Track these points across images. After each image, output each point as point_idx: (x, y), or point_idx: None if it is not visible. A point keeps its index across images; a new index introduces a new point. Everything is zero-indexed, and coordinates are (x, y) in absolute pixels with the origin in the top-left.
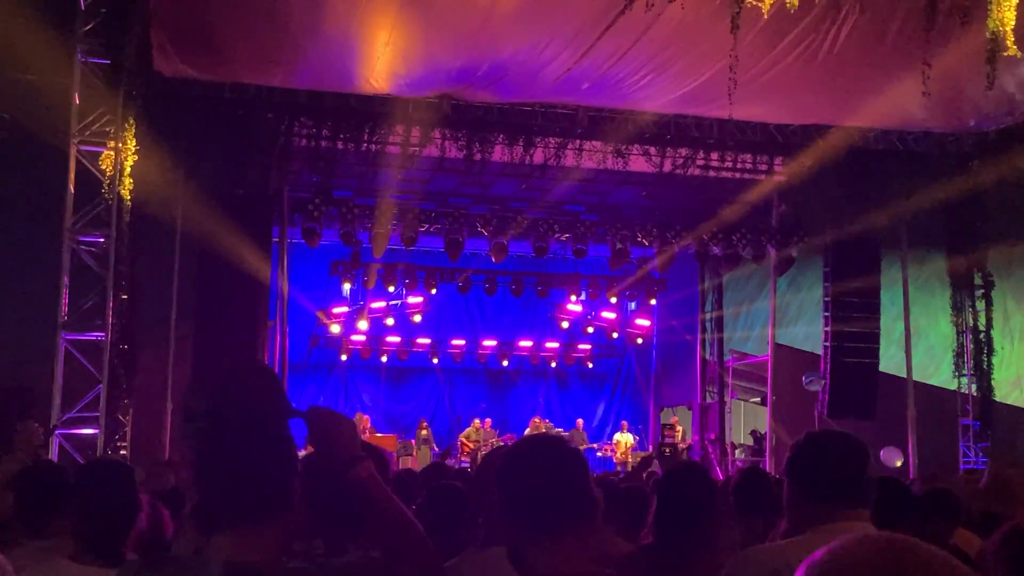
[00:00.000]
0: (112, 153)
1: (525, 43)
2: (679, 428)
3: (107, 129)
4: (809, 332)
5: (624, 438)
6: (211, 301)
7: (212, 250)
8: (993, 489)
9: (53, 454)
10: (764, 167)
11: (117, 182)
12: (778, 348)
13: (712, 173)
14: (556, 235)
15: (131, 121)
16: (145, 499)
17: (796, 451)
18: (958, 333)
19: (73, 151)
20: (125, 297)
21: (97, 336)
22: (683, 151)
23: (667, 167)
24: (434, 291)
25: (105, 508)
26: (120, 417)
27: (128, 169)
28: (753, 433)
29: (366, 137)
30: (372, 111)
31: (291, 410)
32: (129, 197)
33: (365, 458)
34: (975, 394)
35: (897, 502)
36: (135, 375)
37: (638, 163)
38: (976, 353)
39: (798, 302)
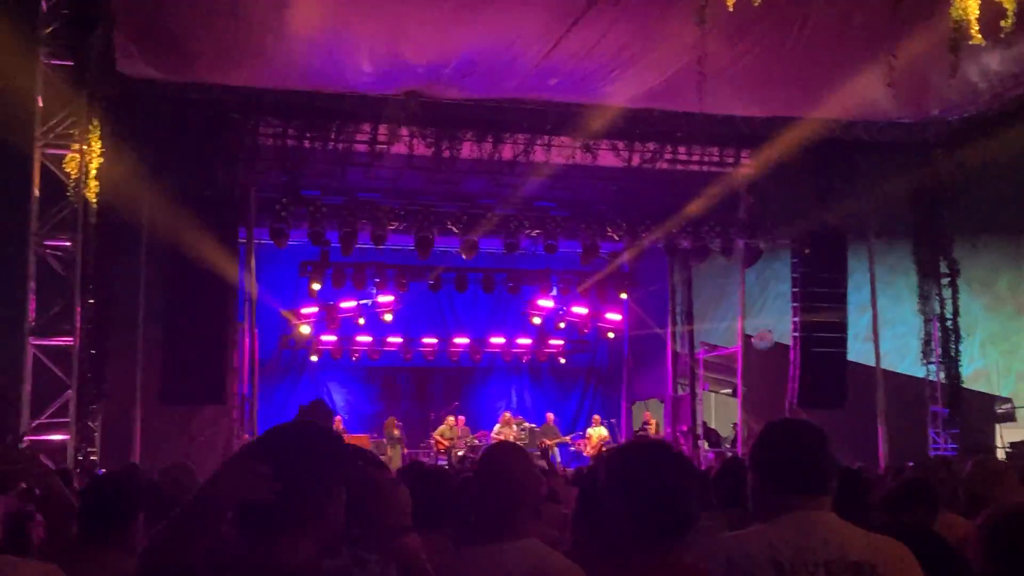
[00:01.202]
0: (77, 156)
1: (493, 38)
2: (652, 422)
3: (72, 132)
4: (778, 323)
5: (597, 432)
6: (179, 303)
7: (179, 252)
8: (978, 474)
9: None
10: (731, 160)
11: (83, 185)
12: (748, 340)
13: (680, 167)
14: (527, 231)
15: (96, 123)
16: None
17: (757, 441)
18: (925, 321)
19: (37, 154)
20: (92, 301)
21: (66, 341)
22: (651, 145)
23: (635, 161)
24: (405, 290)
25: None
26: (89, 423)
27: (94, 172)
28: (735, 426)
29: (333, 135)
30: (339, 109)
31: (348, 476)
32: (95, 200)
33: (413, 529)
34: (943, 381)
35: (856, 490)
36: (104, 380)
37: (607, 158)
38: (943, 341)
39: (767, 294)
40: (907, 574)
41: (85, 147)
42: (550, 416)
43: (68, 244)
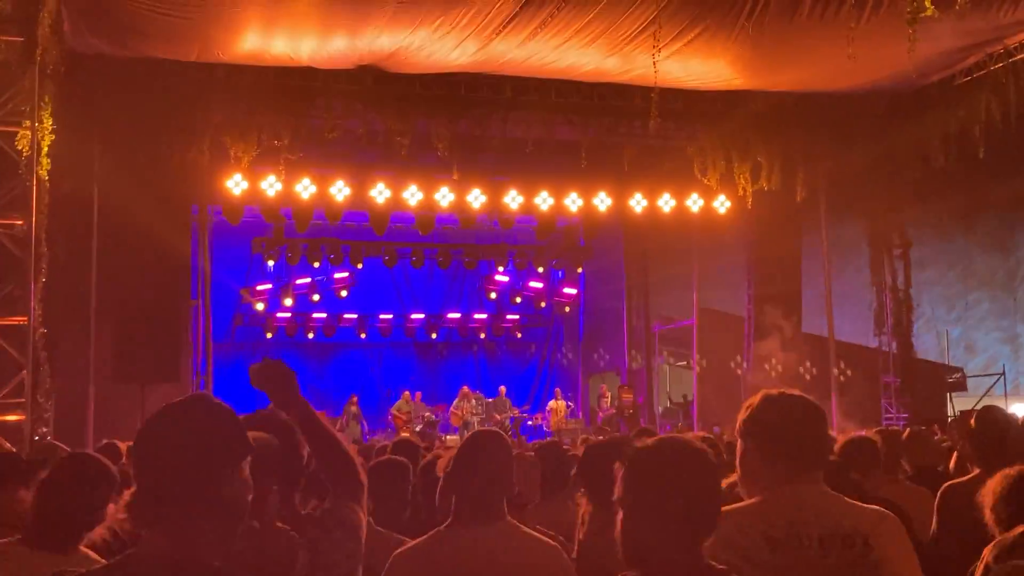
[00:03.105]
0: (28, 133)
1: (443, 17)
2: (608, 395)
3: (23, 108)
4: (732, 295)
5: (558, 405)
6: (131, 281)
7: (131, 229)
8: (915, 443)
9: None
10: (686, 132)
11: (35, 163)
12: (703, 312)
13: (636, 140)
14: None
15: (47, 99)
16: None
17: (752, 411)
18: (878, 292)
19: None
20: (45, 280)
21: (19, 321)
22: (606, 120)
23: (591, 134)
24: (360, 265)
25: (64, 502)
26: (42, 401)
27: (45, 149)
28: (684, 397)
29: (286, 110)
30: (292, 84)
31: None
32: (47, 178)
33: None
34: (895, 352)
35: (865, 461)
36: (57, 359)
37: (563, 132)
38: (896, 311)
39: (721, 266)
40: (896, 541)
41: (36, 124)
42: (502, 389)
43: (20, 223)
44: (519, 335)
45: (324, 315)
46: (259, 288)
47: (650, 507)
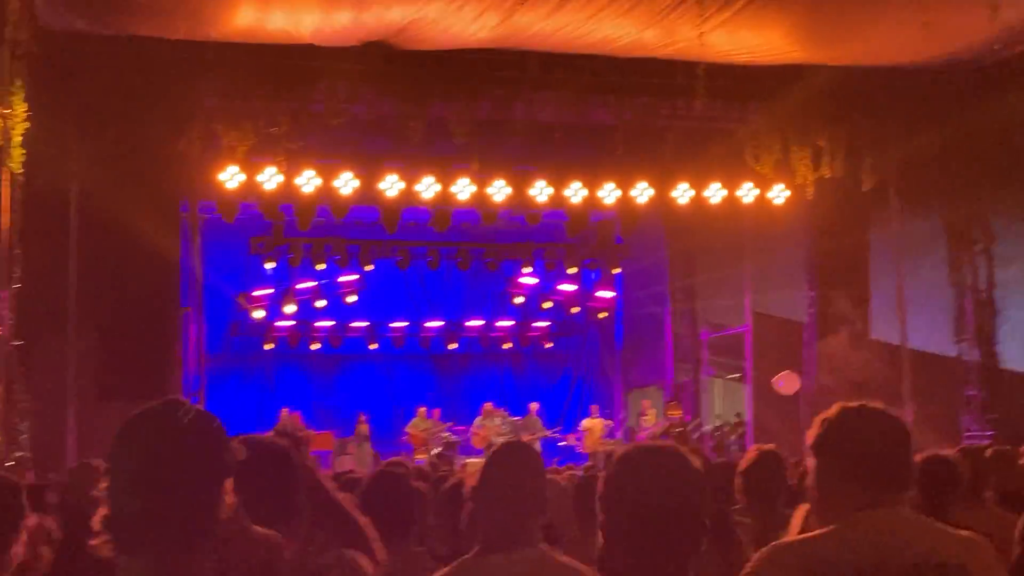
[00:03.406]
0: None
1: None
2: (651, 412)
3: None
4: (791, 298)
5: (594, 424)
6: (115, 287)
7: (115, 229)
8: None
9: None
10: (736, 114)
11: (6, 154)
12: (757, 317)
13: (679, 123)
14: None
15: (19, 83)
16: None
17: (829, 426)
18: (957, 293)
19: None
20: (18, 287)
21: None
22: (645, 100)
23: (628, 117)
24: (369, 268)
25: None
26: (17, 423)
27: (18, 139)
28: (737, 415)
29: (285, 94)
30: (291, 65)
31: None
32: (21, 171)
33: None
34: (977, 361)
35: (944, 484)
36: (33, 374)
37: (596, 114)
38: (978, 315)
39: (778, 265)
40: (995, 572)
41: (7, 111)
42: (533, 406)
43: None
44: (549, 345)
45: (330, 323)
46: (257, 294)
47: (625, 529)
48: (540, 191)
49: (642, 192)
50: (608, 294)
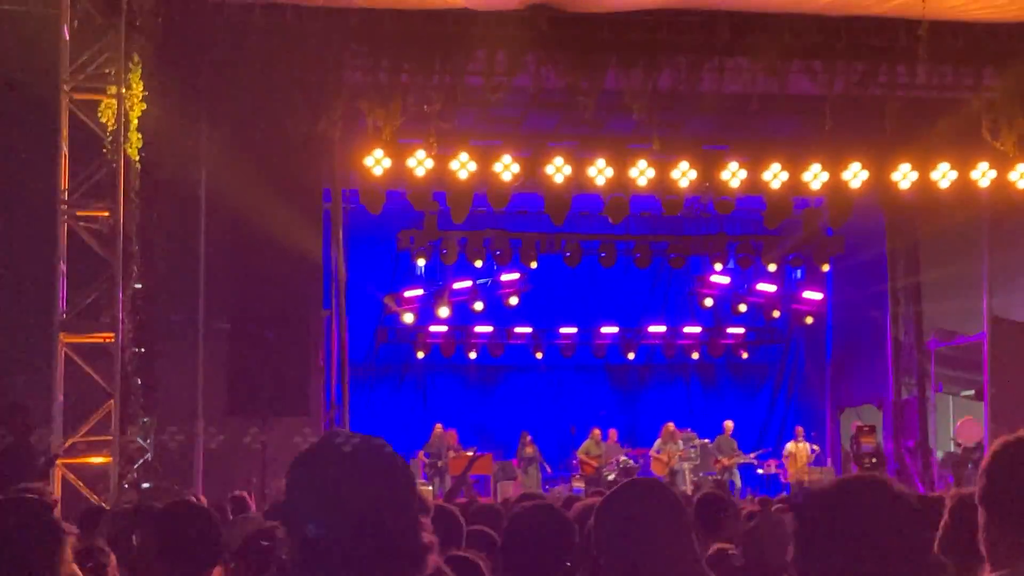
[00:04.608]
0: (114, 101)
1: None
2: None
3: (106, 71)
4: None
5: (799, 448)
6: (248, 287)
7: (247, 222)
8: None
9: (56, 489)
10: (969, 80)
11: (122, 138)
12: (997, 323)
13: (899, 92)
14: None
15: (136, 59)
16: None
17: (988, 464)
18: None
19: (65, 101)
20: (139, 287)
21: (105, 338)
22: (859, 66)
23: (838, 87)
24: (534, 264)
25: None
26: (140, 441)
27: (135, 122)
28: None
29: (437, 66)
30: (444, 32)
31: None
32: (138, 158)
33: None
34: None
35: None
36: (155, 387)
37: (799, 83)
38: None
39: (1023, 260)
40: None
41: (124, 90)
42: (728, 425)
43: (106, 214)
44: (745, 355)
45: (489, 329)
46: (407, 295)
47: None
48: (733, 175)
49: (856, 175)
50: (815, 295)
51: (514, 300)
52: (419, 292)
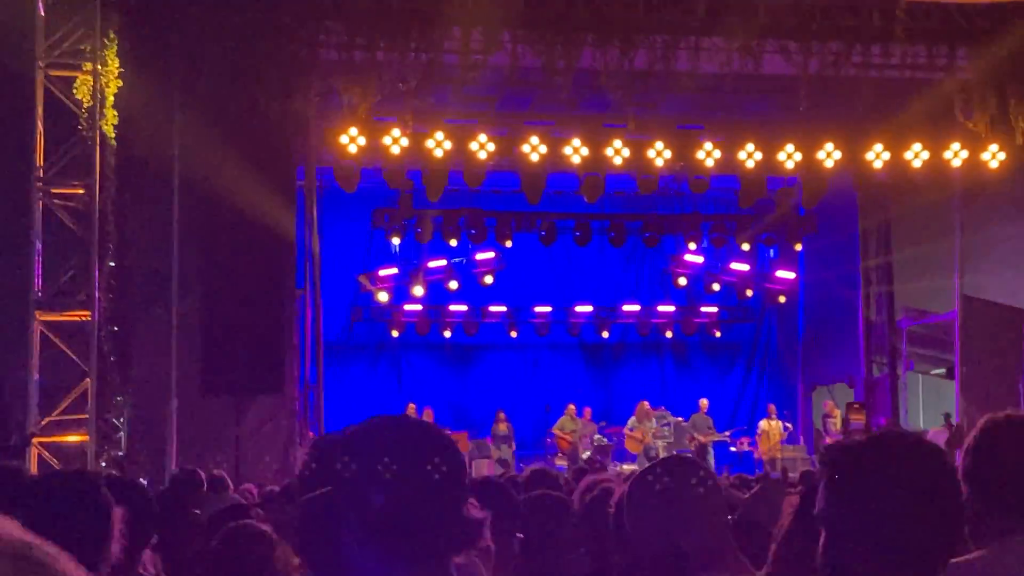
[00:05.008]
0: (89, 78)
1: None
2: (836, 413)
3: (82, 47)
4: (1010, 279)
5: (772, 426)
6: (222, 266)
7: (221, 199)
8: None
9: (32, 468)
10: (943, 61)
11: (98, 115)
12: (968, 302)
13: (873, 73)
14: (667, 163)
15: (112, 36)
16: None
17: (973, 443)
18: None
19: (40, 77)
20: (113, 264)
21: (81, 316)
22: (833, 46)
23: (813, 67)
24: (509, 243)
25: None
26: (114, 420)
27: (111, 99)
28: (946, 417)
29: (413, 44)
30: (419, 10)
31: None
32: (114, 134)
33: None
34: None
35: None
36: (130, 364)
37: (774, 64)
38: None
39: (994, 240)
40: None
41: (99, 67)
42: (704, 403)
43: (81, 191)
44: (718, 333)
45: (464, 308)
46: (382, 273)
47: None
48: (707, 154)
49: (829, 155)
50: (788, 275)
51: (489, 279)
52: (394, 271)
